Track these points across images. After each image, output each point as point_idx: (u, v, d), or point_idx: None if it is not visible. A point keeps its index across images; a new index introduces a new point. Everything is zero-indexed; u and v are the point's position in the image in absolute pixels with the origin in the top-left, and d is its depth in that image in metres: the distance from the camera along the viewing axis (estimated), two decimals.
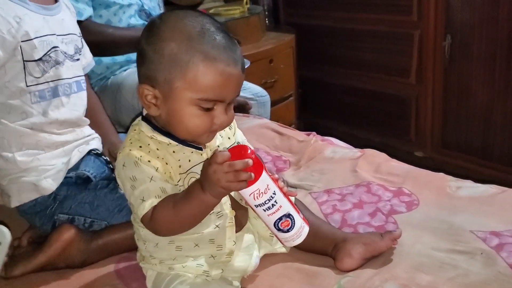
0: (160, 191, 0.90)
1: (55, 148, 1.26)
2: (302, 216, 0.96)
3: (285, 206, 0.92)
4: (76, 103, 1.32)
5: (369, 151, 1.56)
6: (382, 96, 2.70)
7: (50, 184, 1.23)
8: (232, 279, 1.05)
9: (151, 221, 0.90)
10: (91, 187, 1.26)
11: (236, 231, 1.03)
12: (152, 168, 0.90)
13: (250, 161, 0.84)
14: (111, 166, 1.30)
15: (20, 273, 1.19)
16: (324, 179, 1.44)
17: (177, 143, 0.94)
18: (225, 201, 1.00)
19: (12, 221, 1.37)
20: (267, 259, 1.14)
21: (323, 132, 1.77)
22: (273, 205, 0.90)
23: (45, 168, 1.23)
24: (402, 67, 2.56)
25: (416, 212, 1.26)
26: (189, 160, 0.94)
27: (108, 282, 1.15)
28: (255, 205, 0.90)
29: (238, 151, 0.86)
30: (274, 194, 0.90)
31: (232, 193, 1.01)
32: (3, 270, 1.20)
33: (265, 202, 0.89)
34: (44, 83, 1.23)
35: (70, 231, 1.20)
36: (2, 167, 1.23)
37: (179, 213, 0.88)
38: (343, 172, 1.46)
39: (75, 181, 1.26)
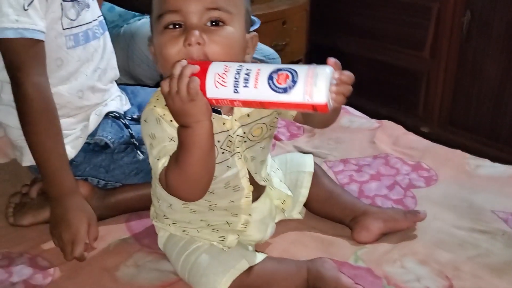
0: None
1: (79, 111, 1.19)
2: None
3: (265, 66, 0.69)
4: (106, 45, 1.25)
5: (387, 123, 1.53)
6: (393, 68, 2.65)
7: (68, 152, 1.14)
8: (247, 244, 1.02)
9: (166, 184, 0.83)
10: (108, 151, 1.20)
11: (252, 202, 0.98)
12: (174, 128, 0.82)
13: (184, 61, 0.72)
14: (130, 131, 1.21)
15: (28, 223, 1.16)
16: (340, 148, 1.41)
17: None
18: (243, 175, 0.94)
19: (19, 167, 1.34)
20: (282, 225, 1.12)
21: None
22: (247, 73, 0.68)
23: (65, 133, 1.13)
24: (416, 40, 2.50)
25: (435, 188, 1.24)
26: None
27: (119, 236, 1.12)
28: (234, 91, 0.69)
29: None
30: (241, 65, 0.69)
31: (252, 167, 0.96)
32: (11, 217, 1.17)
33: (235, 78, 0.68)
34: (77, 26, 1.16)
35: (84, 188, 1.16)
36: (18, 125, 1.12)
37: (182, 164, 0.78)
38: (360, 143, 1.43)
39: (92, 148, 1.19)
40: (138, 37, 1.66)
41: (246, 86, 0.68)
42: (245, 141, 0.92)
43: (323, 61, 0.71)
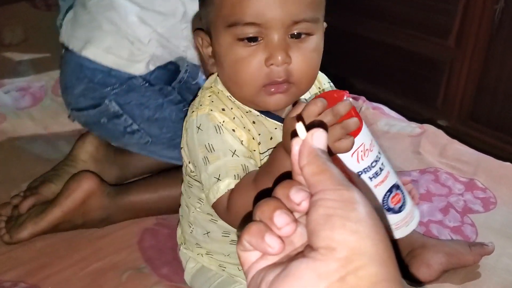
0: (241, 170, 0.67)
1: None
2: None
3: (392, 173, 0.65)
4: None
5: (429, 128, 1.36)
6: (414, 56, 2.47)
7: (143, 66, 1.07)
8: None
9: (228, 210, 0.67)
10: (163, 92, 1.08)
11: None
12: (237, 140, 0.68)
13: (351, 100, 0.58)
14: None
15: (28, 235, 0.98)
16: None
17: (258, 113, 0.72)
18: None
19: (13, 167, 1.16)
20: None
21: (339, 86, 1.56)
22: (380, 169, 0.62)
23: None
24: (442, 27, 2.32)
25: (495, 213, 1.08)
26: (271, 138, 0.72)
27: (133, 264, 0.95)
28: (358, 172, 0.62)
29: (331, 97, 0.59)
30: (380, 153, 0.63)
31: None
32: (5, 235, 1.00)
33: (371, 164, 0.62)
34: None
35: (91, 180, 1.01)
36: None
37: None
38: (403, 152, 1.26)
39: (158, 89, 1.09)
40: None
41: (370, 179, 0.62)
42: None
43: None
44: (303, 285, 0.31)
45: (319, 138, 0.36)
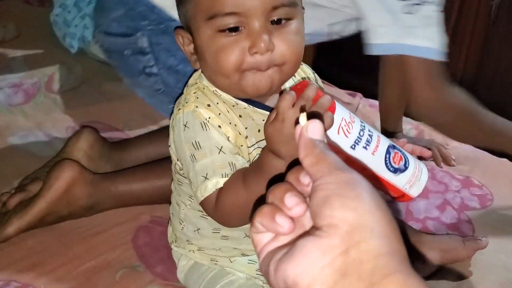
0: (228, 168, 0.67)
1: None
2: None
3: (383, 137, 0.65)
4: None
5: (426, 128, 1.35)
6: None
7: None
8: None
9: (217, 208, 0.68)
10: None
11: None
12: (223, 136, 0.68)
13: (314, 86, 0.60)
14: None
15: (15, 230, 0.97)
16: None
17: (246, 105, 0.72)
18: None
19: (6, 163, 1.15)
20: None
21: (335, 83, 1.63)
22: (369, 135, 0.63)
23: None
24: None
25: (491, 210, 1.08)
26: (259, 130, 0.72)
27: (127, 262, 0.94)
28: (351, 146, 0.62)
29: (296, 89, 0.61)
30: (362, 122, 0.64)
31: None
32: None
33: (359, 134, 0.62)
34: None
35: (72, 168, 1.00)
36: None
37: (254, 195, 0.62)
38: None
39: None
40: None
41: (365, 148, 0.62)
42: None
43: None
44: (309, 261, 0.33)
45: (313, 129, 0.38)
